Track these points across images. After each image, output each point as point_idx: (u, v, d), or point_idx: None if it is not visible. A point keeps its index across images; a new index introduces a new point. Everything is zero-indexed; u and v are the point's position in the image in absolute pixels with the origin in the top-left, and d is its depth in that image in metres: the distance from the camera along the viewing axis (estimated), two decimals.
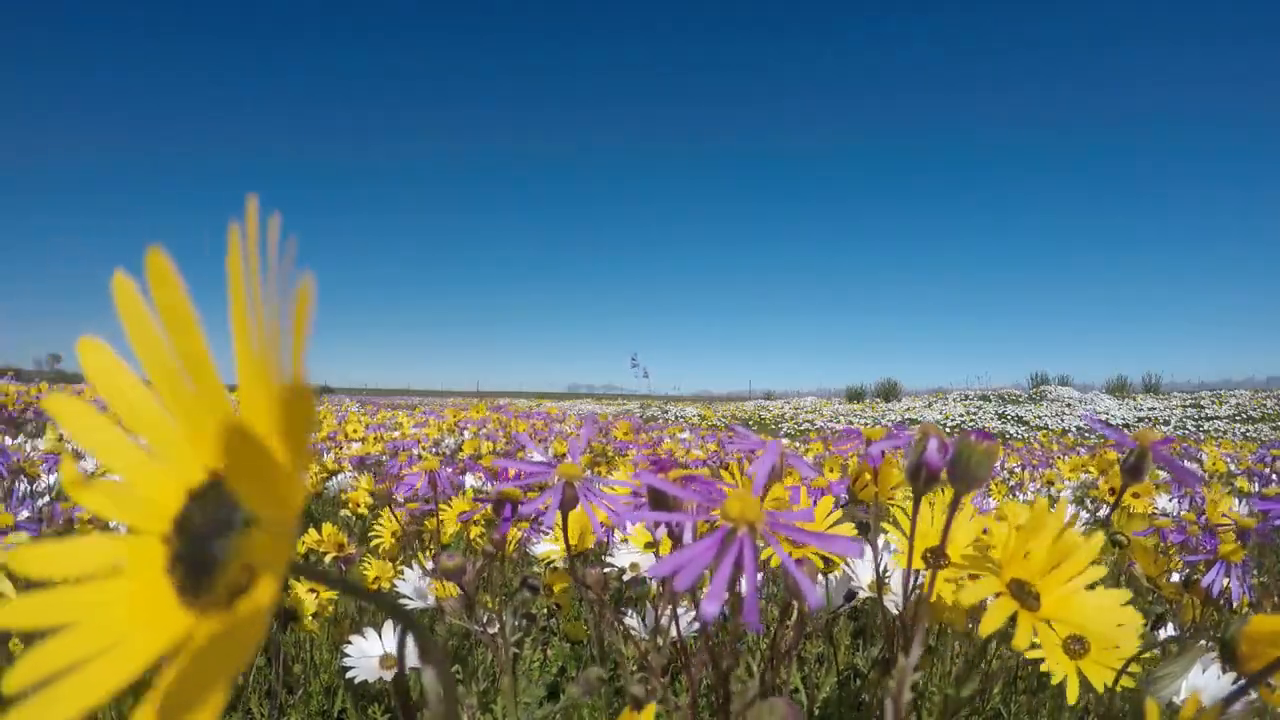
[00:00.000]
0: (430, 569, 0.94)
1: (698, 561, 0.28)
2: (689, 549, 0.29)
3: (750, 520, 0.30)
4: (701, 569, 0.28)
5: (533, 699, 0.92)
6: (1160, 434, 0.51)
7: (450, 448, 3.15)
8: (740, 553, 0.29)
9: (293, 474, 0.15)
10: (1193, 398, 13.02)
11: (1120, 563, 1.03)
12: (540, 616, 1.13)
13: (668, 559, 0.28)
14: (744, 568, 0.29)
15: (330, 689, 1.24)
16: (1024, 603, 0.42)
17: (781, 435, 9.58)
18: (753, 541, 0.30)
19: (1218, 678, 0.67)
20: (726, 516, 0.30)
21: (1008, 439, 9.92)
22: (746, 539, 0.30)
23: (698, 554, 0.28)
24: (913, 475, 0.43)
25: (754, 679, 0.48)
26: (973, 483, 0.41)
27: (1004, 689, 0.95)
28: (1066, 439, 8.42)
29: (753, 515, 0.30)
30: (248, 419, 0.17)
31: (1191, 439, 7.68)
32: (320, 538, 1.31)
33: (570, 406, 14.33)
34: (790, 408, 14.81)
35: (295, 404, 0.16)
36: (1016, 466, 3.60)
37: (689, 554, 0.28)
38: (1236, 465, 3.20)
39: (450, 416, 4.49)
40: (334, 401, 9.62)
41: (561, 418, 7.02)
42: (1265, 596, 1.11)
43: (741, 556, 0.29)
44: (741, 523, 0.30)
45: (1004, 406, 13.16)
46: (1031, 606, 0.42)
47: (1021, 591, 0.42)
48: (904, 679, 0.33)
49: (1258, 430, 10.21)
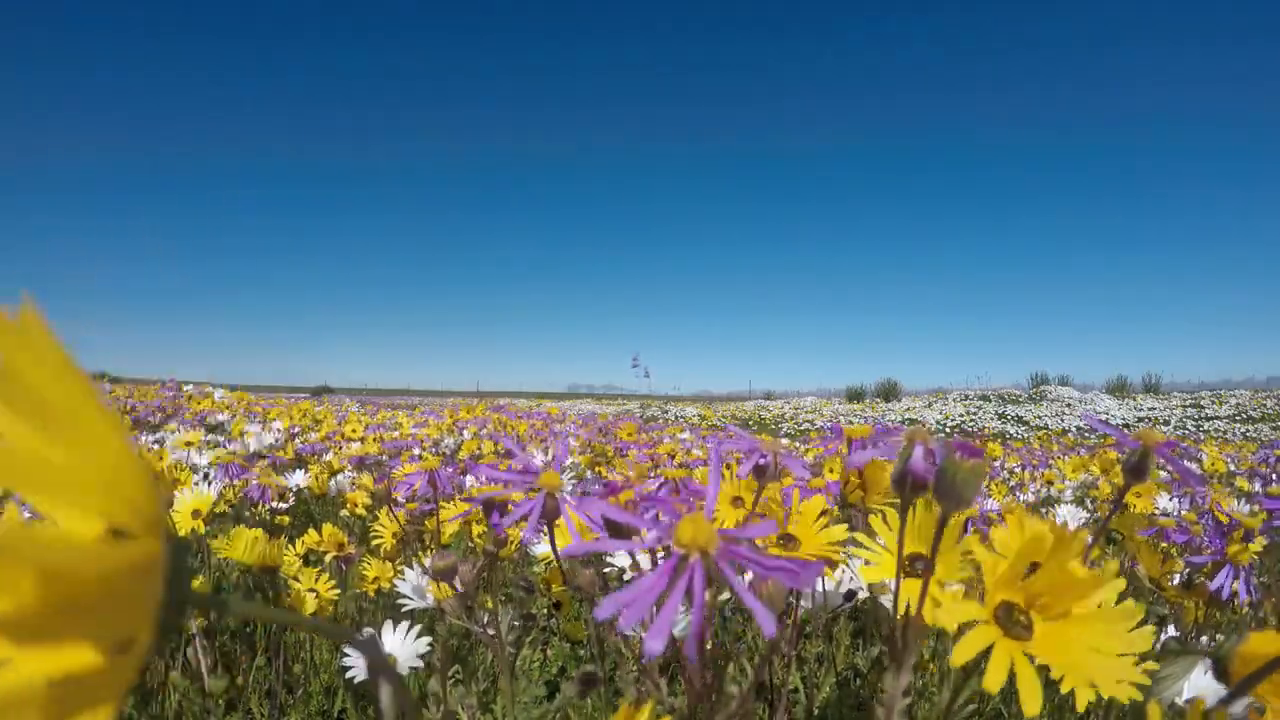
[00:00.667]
0: (429, 568, 0.94)
1: (646, 597, 0.27)
2: (635, 585, 0.27)
3: (702, 545, 0.29)
4: (650, 604, 0.27)
5: (532, 699, 0.92)
6: (1162, 435, 0.51)
7: (450, 448, 3.15)
8: (691, 581, 0.28)
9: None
10: (1193, 398, 13.02)
11: (1120, 561, 1.03)
12: (540, 616, 1.13)
13: (611, 598, 0.27)
14: (694, 598, 0.28)
15: (330, 689, 1.23)
16: (1009, 630, 0.36)
17: (781, 435, 9.58)
18: (703, 569, 0.28)
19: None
20: (678, 543, 0.29)
21: (1008, 439, 9.91)
22: (698, 566, 0.28)
23: (646, 588, 0.27)
24: (898, 484, 0.42)
25: (749, 678, 0.47)
26: (959, 503, 0.38)
27: (1004, 689, 0.94)
28: (1066, 439, 8.41)
29: (704, 541, 0.29)
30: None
31: (1191, 439, 7.68)
32: (320, 538, 1.30)
33: (570, 406, 14.33)
34: (790, 408, 14.80)
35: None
36: (1016, 466, 3.59)
37: (635, 590, 0.27)
38: (1237, 465, 3.20)
39: (449, 416, 4.49)
40: (334, 401, 9.61)
41: (561, 418, 7.01)
42: (1266, 597, 1.11)
43: (692, 585, 0.28)
44: (693, 549, 0.29)
45: (1004, 406, 13.16)
46: (1020, 635, 0.37)
47: (1009, 619, 0.37)
48: (893, 704, 0.32)
49: (1258, 430, 10.21)
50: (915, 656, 0.37)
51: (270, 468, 1.85)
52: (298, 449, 2.61)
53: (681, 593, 0.27)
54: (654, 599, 0.27)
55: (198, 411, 3.84)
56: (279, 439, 2.87)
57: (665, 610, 0.26)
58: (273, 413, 3.94)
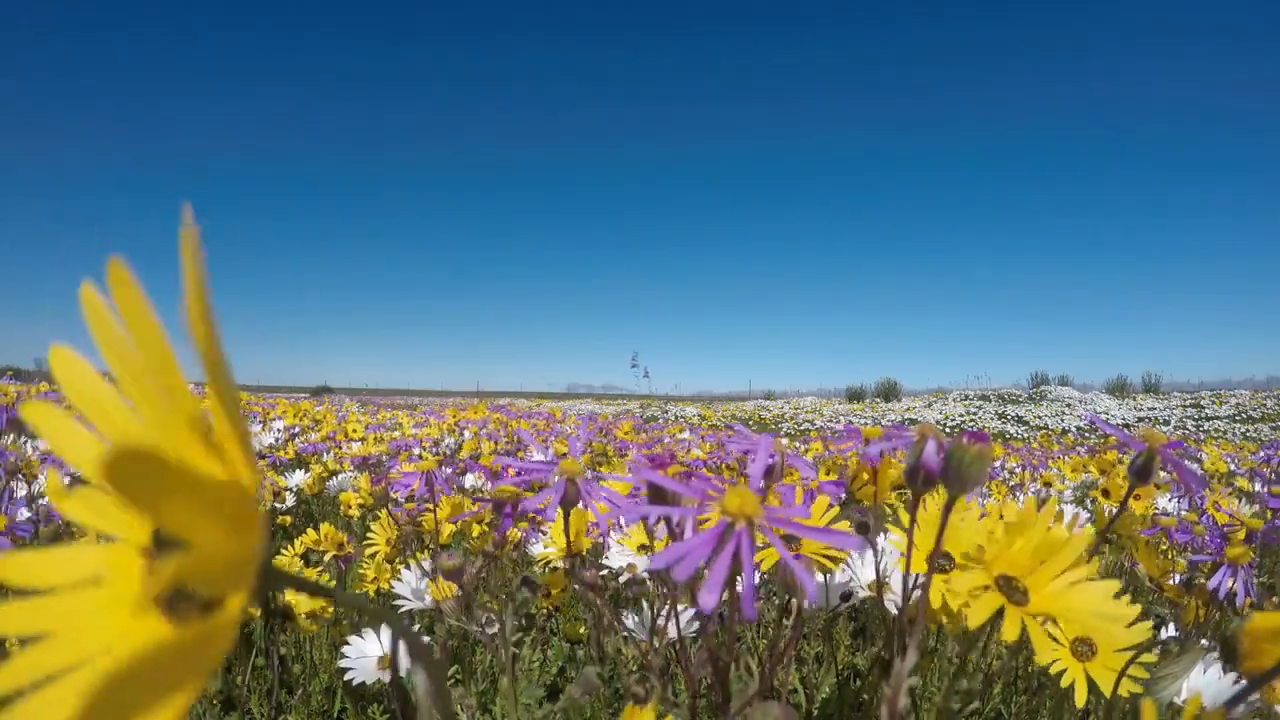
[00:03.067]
0: (428, 569, 0.94)
1: (696, 554, 0.28)
2: (687, 542, 0.29)
3: (748, 514, 0.30)
4: (699, 561, 0.28)
5: (532, 699, 0.92)
6: (1165, 436, 0.51)
7: (450, 448, 3.15)
8: (738, 546, 0.30)
9: (236, 487, 0.14)
10: (1193, 398, 13.02)
11: (1120, 560, 1.03)
12: (540, 617, 1.13)
13: (666, 551, 0.28)
14: (742, 560, 0.29)
15: (330, 689, 1.23)
16: (1011, 598, 0.42)
17: (782, 435, 9.58)
18: (750, 535, 0.30)
19: (1218, 678, 0.67)
20: (725, 510, 0.30)
21: (1008, 439, 9.91)
22: (744, 533, 0.30)
23: (696, 546, 0.29)
24: (911, 477, 0.43)
25: (753, 678, 0.47)
26: (966, 485, 0.40)
27: (1004, 690, 0.94)
28: (1066, 439, 8.41)
29: (751, 510, 0.30)
30: (166, 434, 0.17)
31: (1191, 439, 7.68)
32: (319, 537, 1.30)
33: (570, 406, 14.34)
34: (790, 408, 14.80)
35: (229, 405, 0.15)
36: (1016, 467, 3.59)
37: (687, 546, 0.28)
38: (1237, 465, 3.20)
39: (450, 416, 4.49)
40: (334, 401, 9.62)
41: (562, 418, 7.02)
42: (1266, 597, 1.11)
43: (739, 550, 0.30)
44: (740, 517, 0.30)
45: (1004, 406, 13.16)
46: (1019, 601, 0.42)
47: (1009, 587, 0.43)
48: (900, 684, 0.33)
49: (1258, 430, 10.21)
50: (918, 651, 0.38)
51: (270, 467, 1.85)
52: (298, 449, 2.61)
53: (730, 555, 0.29)
54: (705, 555, 0.29)
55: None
56: (279, 439, 2.87)
57: (716, 568, 0.28)
58: (273, 412, 3.94)
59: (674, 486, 0.36)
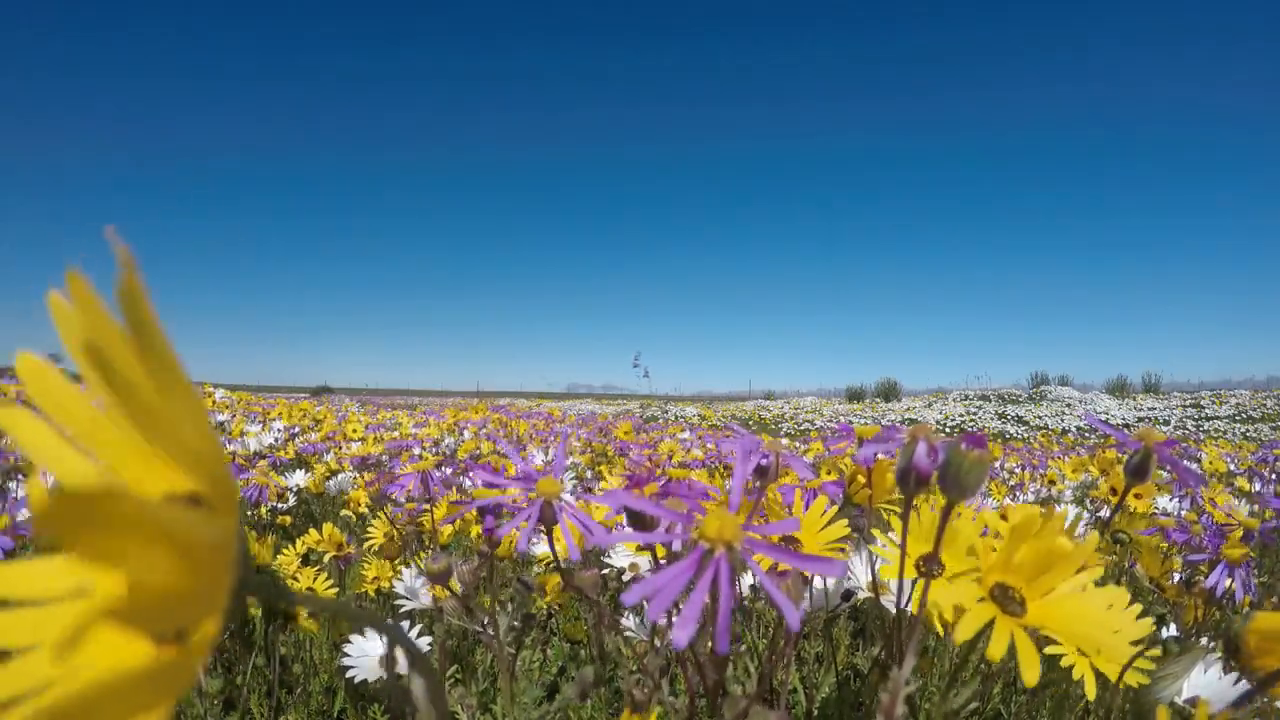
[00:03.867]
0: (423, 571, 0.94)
1: (672, 586, 0.27)
2: (663, 572, 0.28)
3: (727, 540, 0.29)
4: (676, 594, 0.27)
5: (532, 699, 0.92)
6: (1162, 435, 0.51)
7: (450, 448, 3.15)
8: (716, 574, 0.28)
9: (196, 512, 0.14)
10: (1193, 398, 13.01)
11: (1121, 560, 1.03)
12: (539, 617, 1.13)
13: (641, 585, 0.27)
14: (720, 589, 0.28)
15: (330, 689, 1.23)
16: (1006, 608, 0.40)
17: (781, 435, 9.58)
18: (730, 562, 0.29)
19: (1219, 678, 0.67)
20: (703, 536, 0.29)
21: (1008, 439, 9.91)
22: (723, 559, 0.29)
23: (672, 578, 0.28)
24: (902, 479, 0.42)
25: (751, 679, 0.47)
26: (964, 492, 0.39)
27: (1004, 689, 0.94)
28: (1066, 439, 8.41)
29: (729, 535, 0.29)
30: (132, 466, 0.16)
31: (1191, 439, 7.68)
32: (320, 537, 1.31)
33: (570, 406, 14.34)
34: (790, 408, 14.80)
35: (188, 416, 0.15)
36: (1016, 467, 3.59)
37: (662, 579, 0.27)
38: (1237, 465, 3.20)
39: (450, 416, 4.49)
40: (334, 401, 9.61)
41: (561, 417, 7.01)
42: (1266, 597, 1.11)
43: (718, 578, 0.28)
44: (719, 543, 0.29)
45: (1004, 406, 13.15)
46: (1015, 612, 0.40)
47: (1005, 596, 0.41)
48: (897, 692, 0.33)
49: (1258, 430, 10.20)
50: (916, 657, 0.37)
51: (270, 467, 1.85)
52: (298, 449, 2.61)
53: (708, 584, 0.28)
54: (681, 588, 0.27)
55: None
56: (279, 439, 2.88)
57: (693, 601, 0.27)
58: (273, 412, 3.94)
59: (652, 509, 0.34)
